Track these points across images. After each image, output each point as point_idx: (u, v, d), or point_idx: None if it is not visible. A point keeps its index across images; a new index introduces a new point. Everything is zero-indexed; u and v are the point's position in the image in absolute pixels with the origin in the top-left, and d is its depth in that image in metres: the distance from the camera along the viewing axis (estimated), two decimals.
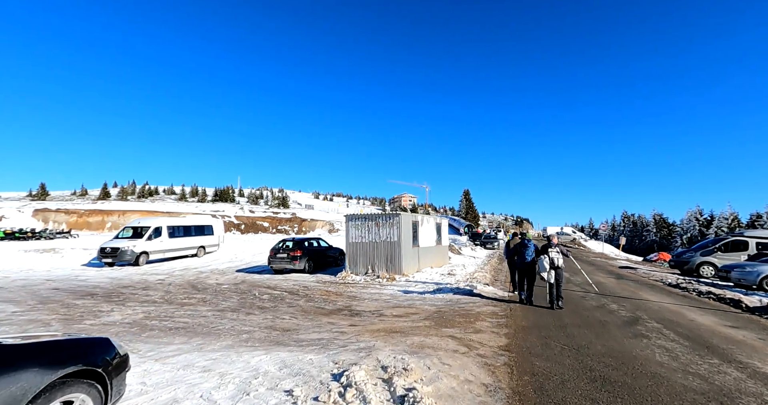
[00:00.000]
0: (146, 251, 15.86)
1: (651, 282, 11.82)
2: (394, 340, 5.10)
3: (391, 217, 11.96)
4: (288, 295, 9.14)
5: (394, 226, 11.88)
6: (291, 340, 5.29)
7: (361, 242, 12.34)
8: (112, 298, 8.64)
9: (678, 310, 7.37)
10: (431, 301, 8.03)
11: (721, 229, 53.82)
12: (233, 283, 11.26)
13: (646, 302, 8.22)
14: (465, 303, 7.79)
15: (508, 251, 9.81)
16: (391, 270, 11.80)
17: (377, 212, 13.15)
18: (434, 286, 9.96)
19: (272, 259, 13.08)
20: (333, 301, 8.35)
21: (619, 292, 9.55)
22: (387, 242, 11.94)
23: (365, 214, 12.37)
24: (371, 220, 12.25)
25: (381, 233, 12.05)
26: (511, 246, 9.92)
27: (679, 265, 14.45)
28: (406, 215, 12.21)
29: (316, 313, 7.19)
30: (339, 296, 9.01)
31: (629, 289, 10.24)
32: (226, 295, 9.18)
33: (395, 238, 11.83)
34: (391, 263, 11.82)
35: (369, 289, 9.87)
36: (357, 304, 8.07)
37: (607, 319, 6.51)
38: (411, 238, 12.48)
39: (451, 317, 6.49)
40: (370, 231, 12.23)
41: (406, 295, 8.95)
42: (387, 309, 7.46)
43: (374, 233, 12.16)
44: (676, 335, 5.49)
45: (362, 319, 6.65)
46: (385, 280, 11.17)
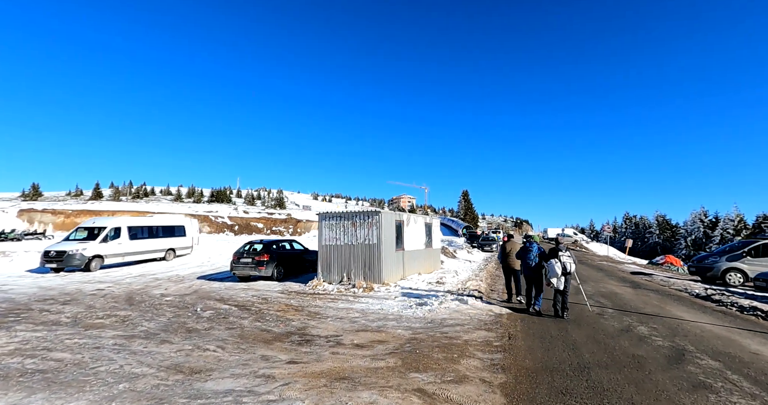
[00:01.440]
0: (100, 255, 14.09)
1: (674, 292, 10.10)
2: (333, 398, 3.36)
3: (370, 215, 10.23)
4: (236, 311, 7.40)
5: (373, 227, 10.15)
6: (187, 394, 3.56)
7: (335, 245, 10.61)
8: (9, 316, 6.89)
9: (728, 336, 5.64)
10: (408, 322, 6.29)
11: (727, 231, 52.21)
12: (182, 293, 9.51)
13: (680, 322, 6.49)
14: (451, 324, 6.05)
15: (503, 255, 8.31)
16: (369, 278, 10.06)
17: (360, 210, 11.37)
18: (417, 299, 8.22)
19: (235, 264, 11.34)
20: (287, 321, 6.61)
21: (642, 307, 7.83)
22: (365, 245, 10.20)
23: (340, 213, 10.65)
24: (347, 219, 10.52)
25: (358, 235, 10.32)
26: (507, 249, 8.27)
27: (701, 272, 12.74)
28: (387, 213, 10.49)
29: (256, 340, 5.46)
30: (298, 312, 7.28)
31: (652, 302, 8.52)
32: (159, 311, 7.44)
33: (374, 241, 10.10)
34: (370, 270, 10.08)
35: (338, 303, 8.14)
36: (315, 324, 6.34)
37: (642, 352, 4.78)
38: (394, 241, 10.75)
39: (427, 350, 4.76)
40: (346, 232, 10.49)
41: (381, 311, 7.22)
42: (349, 333, 5.73)
43: (351, 234, 10.42)
44: (752, 384, 3.77)
45: (310, 350, 4.93)
46: (362, 290, 9.43)
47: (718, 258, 12.37)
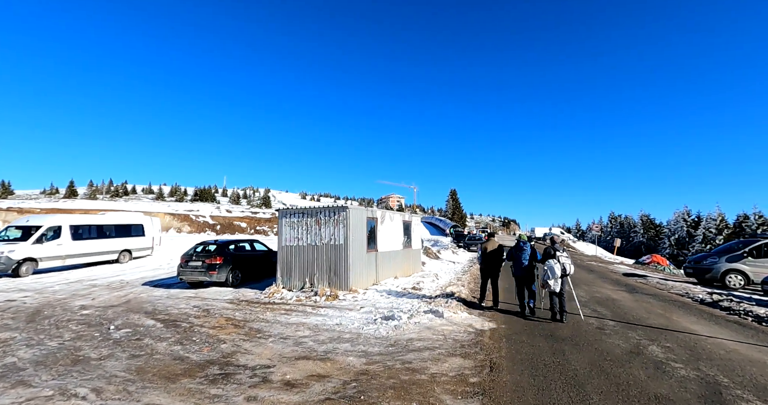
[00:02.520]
0: (33, 258, 12.30)
1: (676, 298, 9.09)
2: None
3: (336, 211, 8.87)
4: (159, 329, 5.95)
5: (339, 224, 8.80)
6: None
7: (297, 246, 9.21)
8: None
9: (762, 359, 4.53)
10: (366, 345, 4.97)
11: (709, 230, 52.82)
12: (108, 304, 7.97)
13: (696, 339, 5.37)
14: (418, 348, 4.76)
15: (484, 256, 7.43)
16: (334, 284, 8.71)
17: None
18: (385, 310, 6.92)
19: (182, 268, 9.81)
20: (216, 343, 5.22)
21: (647, 318, 6.72)
22: (330, 246, 8.84)
23: (303, 209, 9.25)
24: (310, 217, 9.14)
25: (323, 234, 8.95)
26: (488, 250, 7.25)
27: (699, 273, 11.85)
28: (356, 210, 9.15)
29: (158, 376, 4.06)
30: (236, 330, 5.88)
31: (655, 310, 7.44)
32: (59, 330, 5.92)
33: (340, 241, 8.75)
34: (335, 275, 8.73)
35: (291, 316, 6.76)
36: (250, 348, 4.97)
37: (665, 389, 3.58)
38: (364, 241, 9.43)
39: (377, 394, 3.45)
40: (309, 231, 9.11)
41: (337, 328, 5.89)
42: (286, 363, 4.38)
43: (314, 234, 9.05)
44: None
45: (221, 394, 3.56)
46: (324, 298, 8.08)
47: (717, 258, 11.49)
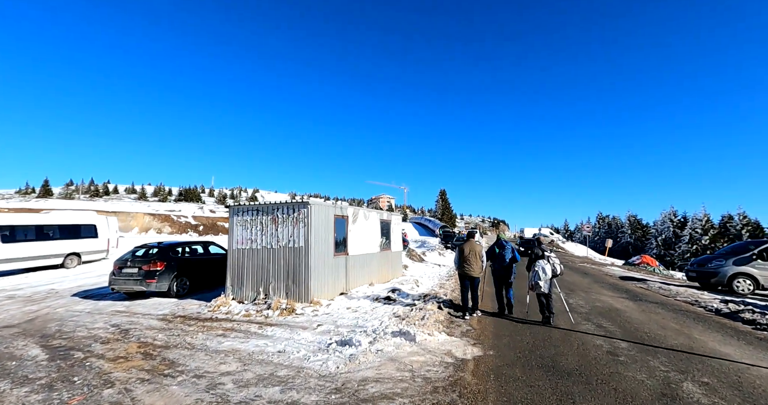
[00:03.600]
0: None
1: (686, 307, 8.00)
2: None
3: (295, 208, 7.47)
4: (37, 363, 4.47)
5: (298, 224, 7.40)
6: None
7: (250, 249, 7.77)
8: None
9: None
10: (300, 390, 3.59)
11: (696, 231, 53.12)
12: (3, 324, 6.41)
13: (737, 370, 4.18)
14: (372, 397, 3.41)
15: (460, 258, 6.61)
16: (293, 294, 7.30)
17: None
18: (346, 329, 5.57)
19: (115, 276, 8.25)
20: (97, 388, 3.77)
21: (663, 336, 5.54)
22: (289, 249, 7.44)
23: (257, 205, 7.81)
24: (266, 214, 7.71)
25: (280, 234, 7.54)
26: (465, 251, 6.57)
27: (703, 277, 10.87)
28: (320, 206, 7.76)
29: None
30: (142, 362, 4.43)
31: (669, 325, 6.28)
32: None
33: (300, 243, 7.35)
34: (294, 283, 7.32)
35: (227, 339, 5.35)
36: (138, 397, 3.55)
37: None
38: (331, 242, 8.04)
39: None
40: (264, 231, 7.68)
41: (276, 358, 4.50)
42: None
43: (270, 235, 7.63)
44: None
45: None
46: (278, 312, 6.67)
47: (723, 261, 10.51)
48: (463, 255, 6.55)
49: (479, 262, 6.50)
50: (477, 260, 6.48)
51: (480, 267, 6.50)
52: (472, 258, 6.47)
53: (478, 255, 6.52)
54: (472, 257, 6.47)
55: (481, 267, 6.54)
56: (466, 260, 6.49)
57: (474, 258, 6.47)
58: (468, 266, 6.47)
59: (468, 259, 6.48)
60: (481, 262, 6.53)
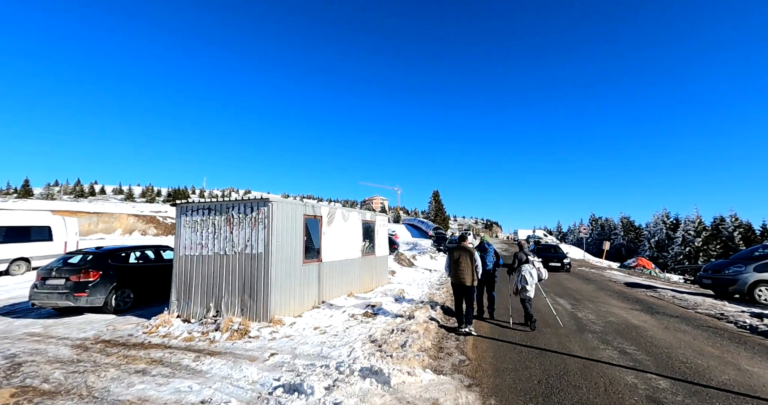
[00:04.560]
0: None
1: (712, 322, 6.91)
2: None
3: (254, 206, 6.18)
4: None
5: (258, 225, 6.11)
6: None
7: (200, 256, 6.45)
8: None
9: None
10: None
11: (688, 233, 52.93)
12: None
13: None
14: None
15: (451, 264, 5.91)
16: (250, 311, 6.00)
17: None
18: (303, 364, 4.30)
19: (36, 289, 6.82)
20: None
21: (705, 366, 4.39)
22: (246, 256, 6.14)
23: (209, 202, 6.50)
24: (219, 213, 6.40)
25: (236, 238, 6.23)
26: (455, 256, 5.83)
27: (720, 285, 9.84)
28: (285, 204, 6.46)
29: None
30: None
31: (707, 349, 5.15)
32: None
33: (259, 249, 6.06)
34: (251, 298, 6.02)
35: (145, 377, 4.04)
36: None
37: None
38: (299, 247, 6.76)
39: None
40: (217, 234, 6.37)
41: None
42: None
43: (224, 238, 6.32)
44: None
45: None
46: (227, 335, 5.37)
47: (743, 267, 9.50)
48: (454, 261, 5.79)
49: (472, 268, 5.69)
50: (470, 267, 5.68)
51: (474, 274, 5.70)
52: (464, 264, 5.68)
53: (471, 260, 5.69)
54: (464, 263, 5.68)
55: (476, 274, 5.73)
56: (458, 267, 5.73)
57: (466, 264, 5.68)
58: (460, 274, 5.71)
59: (459, 265, 5.71)
60: (475, 268, 5.71)
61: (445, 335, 5.57)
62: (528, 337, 5.55)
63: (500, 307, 7.04)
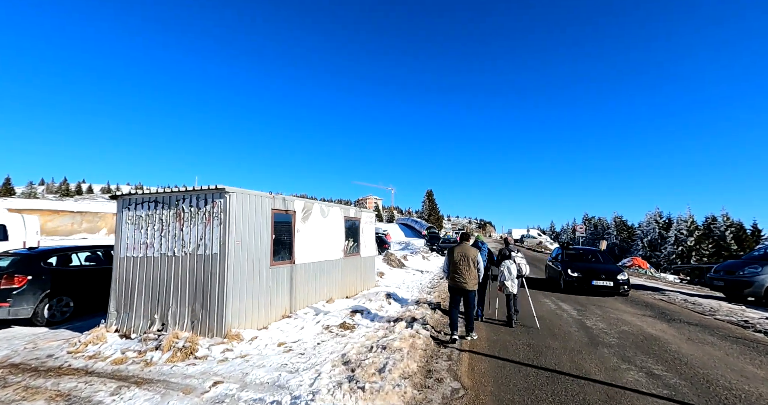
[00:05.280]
0: None
1: (740, 332, 6.10)
2: None
3: (208, 198, 5.18)
4: None
5: (212, 220, 5.10)
6: None
7: (145, 257, 5.42)
8: None
9: None
10: None
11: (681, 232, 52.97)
12: None
13: None
14: None
15: (450, 265, 5.39)
16: (202, 323, 4.99)
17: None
18: (255, 394, 3.33)
19: None
20: None
21: (760, 398, 3.53)
22: (199, 257, 5.13)
23: (155, 194, 5.46)
24: (167, 207, 5.38)
25: (187, 236, 5.22)
26: (455, 257, 5.30)
27: (733, 287, 9.10)
28: (247, 196, 5.44)
29: None
30: None
31: (747, 368, 4.31)
32: None
33: (214, 248, 5.05)
34: (204, 308, 5.01)
35: None
36: None
37: None
38: (267, 246, 5.76)
39: None
40: (165, 231, 5.35)
41: None
42: None
43: (174, 237, 5.30)
44: None
45: None
46: (168, 355, 4.37)
47: (759, 267, 8.77)
48: (453, 262, 5.25)
49: (474, 271, 5.22)
50: (471, 269, 5.19)
51: (475, 277, 5.23)
52: (465, 266, 5.18)
53: (472, 262, 5.21)
54: (465, 265, 5.18)
55: (477, 277, 5.27)
56: (457, 269, 5.20)
57: (467, 266, 5.18)
58: (459, 276, 5.20)
59: (459, 267, 5.20)
60: (477, 271, 5.25)
61: (436, 352, 4.64)
62: (534, 353, 4.65)
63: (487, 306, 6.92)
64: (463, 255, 5.22)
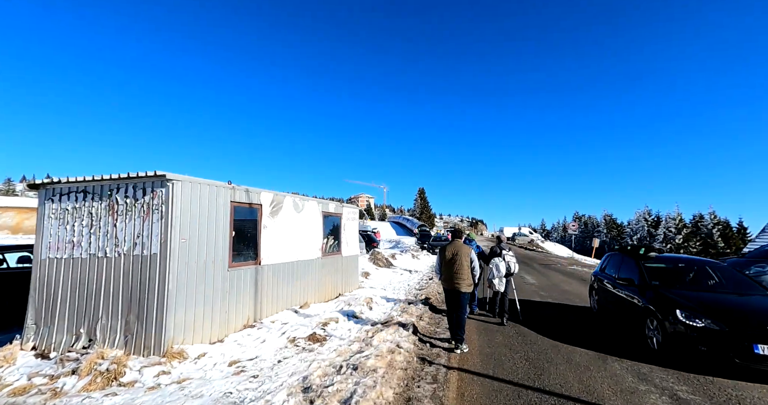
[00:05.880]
0: None
1: None
2: None
3: (146, 187, 4.30)
4: None
5: (152, 215, 4.23)
6: None
7: (70, 259, 4.52)
8: None
9: None
10: None
11: (669, 230, 53.47)
12: None
13: None
14: None
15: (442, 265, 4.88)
16: (137, 338, 4.12)
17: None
18: None
19: None
20: None
21: None
22: (135, 258, 4.26)
23: (85, 183, 4.56)
24: (99, 198, 4.49)
25: (121, 233, 4.34)
26: (447, 256, 4.81)
27: None
28: (196, 185, 4.55)
29: None
30: None
31: None
32: None
33: (153, 248, 4.18)
34: (139, 319, 4.14)
35: None
36: None
37: None
38: (225, 245, 4.91)
39: None
40: (95, 227, 4.46)
41: None
42: None
43: (105, 234, 4.41)
44: None
45: None
46: (86, 380, 3.50)
47: (766, 266, 8.24)
48: (446, 261, 4.76)
49: (467, 270, 4.71)
50: (465, 269, 4.70)
51: (469, 278, 4.73)
52: (458, 265, 4.69)
53: (467, 261, 4.72)
54: (458, 264, 4.70)
55: (473, 278, 4.78)
56: (450, 269, 4.72)
57: (461, 265, 4.69)
58: (453, 277, 4.70)
59: (452, 266, 4.71)
60: (472, 270, 4.76)
61: (419, 371, 3.87)
62: (534, 369, 3.93)
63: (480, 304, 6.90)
64: (455, 254, 4.72)
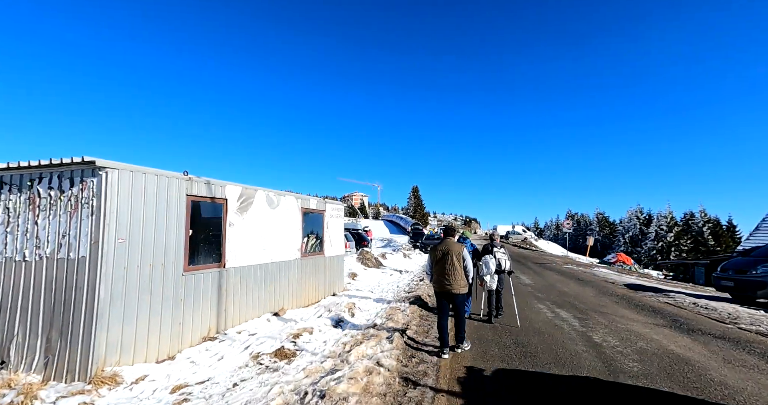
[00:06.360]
0: None
1: None
2: None
3: (74, 177, 3.59)
4: None
5: (80, 210, 3.52)
6: None
7: None
8: None
9: None
10: None
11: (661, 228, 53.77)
12: None
13: None
14: None
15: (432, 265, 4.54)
16: (60, 359, 3.41)
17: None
18: None
19: None
20: None
21: None
22: (60, 262, 3.54)
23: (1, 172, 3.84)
24: (17, 190, 3.76)
25: (44, 232, 3.62)
26: (438, 255, 4.48)
27: (745, 288, 8.11)
28: (139, 174, 3.82)
29: None
30: None
31: None
32: None
33: (81, 250, 3.47)
34: (62, 336, 3.44)
35: None
36: None
37: None
38: (180, 246, 4.20)
39: None
40: (12, 225, 3.73)
41: None
42: None
43: (24, 233, 3.69)
44: None
45: None
46: None
47: None
48: (437, 261, 4.45)
49: (460, 270, 4.37)
50: (457, 269, 4.36)
51: (463, 278, 4.40)
52: (450, 266, 4.36)
53: (458, 260, 4.37)
54: (450, 264, 4.36)
55: (466, 278, 4.44)
56: (441, 269, 4.40)
57: (452, 266, 4.35)
58: (444, 278, 4.38)
59: (443, 266, 4.38)
60: (465, 270, 4.41)
61: (400, 398, 3.23)
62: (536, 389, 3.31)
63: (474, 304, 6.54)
64: (446, 253, 4.39)
